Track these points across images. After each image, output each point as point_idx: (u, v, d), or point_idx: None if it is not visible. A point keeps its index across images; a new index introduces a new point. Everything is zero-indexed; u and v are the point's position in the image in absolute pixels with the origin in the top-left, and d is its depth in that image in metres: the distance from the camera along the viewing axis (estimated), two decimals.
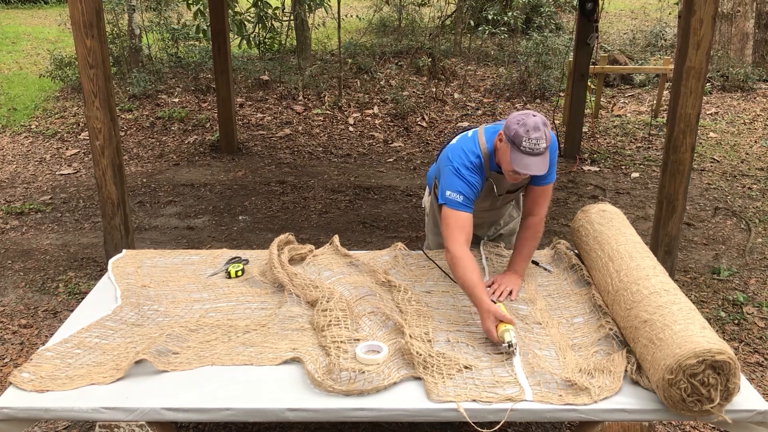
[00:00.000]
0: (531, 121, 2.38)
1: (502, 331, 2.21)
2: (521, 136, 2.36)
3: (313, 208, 5.31)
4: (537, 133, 2.36)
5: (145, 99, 7.98)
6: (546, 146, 2.39)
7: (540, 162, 2.39)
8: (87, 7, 3.05)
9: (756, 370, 3.22)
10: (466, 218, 2.51)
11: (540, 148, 2.37)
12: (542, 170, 2.41)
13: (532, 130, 2.36)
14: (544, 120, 2.40)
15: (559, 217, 5.11)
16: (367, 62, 9.11)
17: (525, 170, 2.40)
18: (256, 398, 2.03)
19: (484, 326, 2.29)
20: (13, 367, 3.25)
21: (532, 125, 2.37)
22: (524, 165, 2.39)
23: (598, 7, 6.05)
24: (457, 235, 2.47)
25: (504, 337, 2.19)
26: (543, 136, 2.37)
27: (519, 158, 2.39)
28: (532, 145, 2.36)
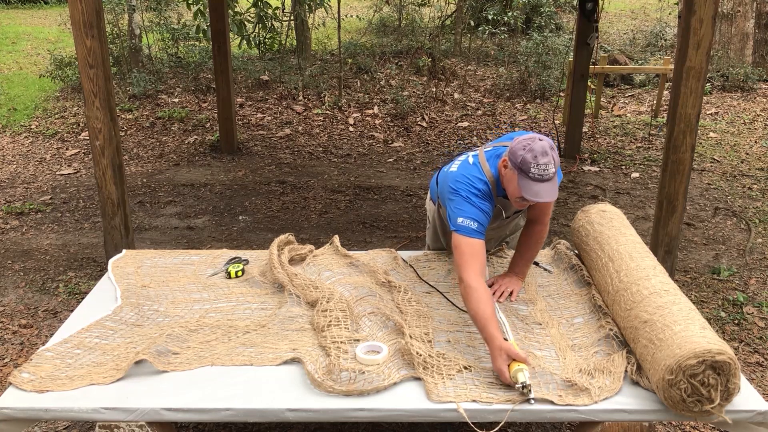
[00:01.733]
0: (538, 146, 2.27)
1: (515, 371, 2.05)
2: (529, 163, 2.26)
3: (313, 208, 5.31)
4: (545, 158, 2.26)
5: (145, 99, 7.98)
6: (554, 171, 2.30)
7: (550, 188, 2.30)
8: (87, 7, 3.05)
9: (756, 370, 3.22)
10: (480, 246, 2.39)
11: (549, 173, 2.27)
12: (552, 197, 2.32)
13: (540, 155, 2.26)
14: (551, 144, 2.31)
15: (559, 217, 5.11)
16: (367, 62, 9.11)
17: (535, 198, 2.30)
18: (256, 398, 2.03)
19: (495, 366, 2.12)
20: (13, 367, 3.25)
21: (539, 150, 2.26)
22: (534, 193, 2.29)
23: (598, 7, 6.05)
24: (472, 264, 2.34)
25: (518, 377, 2.03)
26: (551, 161, 2.27)
27: (528, 185, 2.29)
28: (541, 171, 2.26)
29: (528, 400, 2.02)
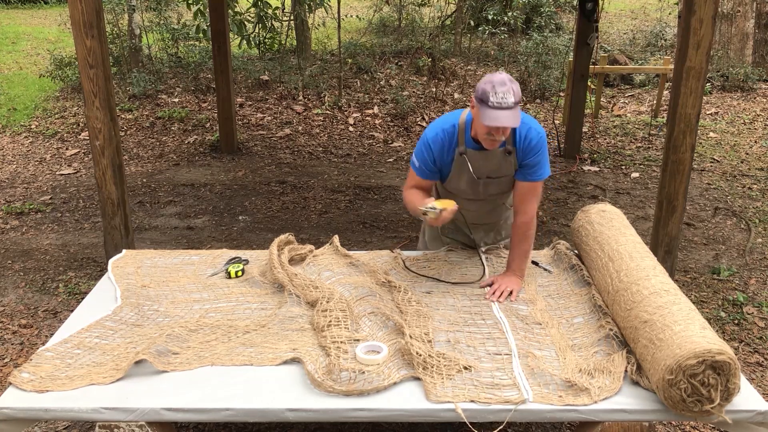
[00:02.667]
0: (497, 77, 2.41)
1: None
2: (488, 92, 2.38)
3: (313, 208, 5.31)
4: (503, 87, 2.38)
5: (145, 99, 7.98)
6: (514, 101, 2.39)
7: (510, 115, 2.38)
8: (87, 7, 3.05)
9: (756, 370, 3.22)
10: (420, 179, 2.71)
11: (508, 101, 2.37)
12: (511, 123, 2.39)
13: (499, 85, 2.38)
14: (510, 77, 2.43)
15: (559, 217, 5.11)
16: (367, 62, 9.11)
17: (494, 123, 2.38)
18: (255, 398, 2.03)
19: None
20: (13, 367, 3.25)
21: (498, 81, 2.39)
22: (493, 118, 2.38)
23: (598, 7, 6.05)
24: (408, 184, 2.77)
25: (425, 204, 2.43)
26: (510, 91, 2.38)
27: (487, 113, 2.39)
28: (499, 99, 2.37)
29: (425, 213, 2.44)
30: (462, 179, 2.71)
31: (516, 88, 2.42)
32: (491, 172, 2.68)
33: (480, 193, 2.77)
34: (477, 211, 2.90)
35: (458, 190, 2.76)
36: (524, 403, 1.99)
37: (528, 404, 1.99)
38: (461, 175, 2.69)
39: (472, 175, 2.67)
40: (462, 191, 2.76)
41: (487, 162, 2.64)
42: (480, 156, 2.62)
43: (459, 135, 2.61)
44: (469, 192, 2.76)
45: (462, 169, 2.67)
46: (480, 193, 2.77)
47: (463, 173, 2.68)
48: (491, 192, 2.78)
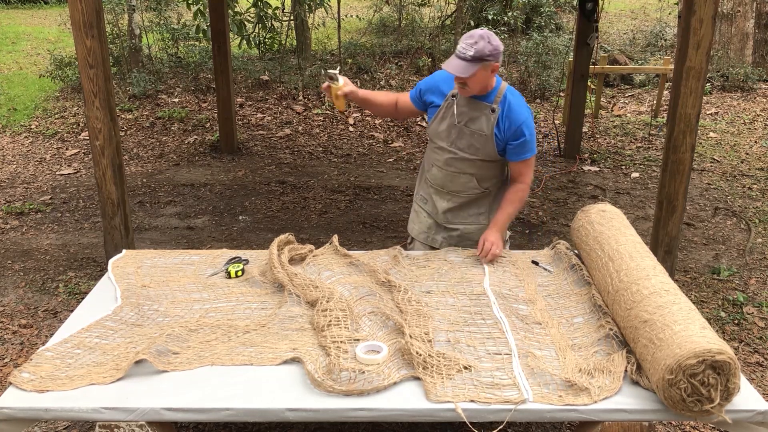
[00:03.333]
0: (474, 31, 2.65)
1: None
2: (459, 41, 2.66)
3: (313, 208, 5.31)
4: (469, 39, 2.61)
5: (145, 99, 7.98)
6: (472, 56, 2.60)
7: (459, 65, 2.63)
8: (87, 7, 3.05)
9: (756, 370, 3.22)
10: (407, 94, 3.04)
11: (465, 54, 2.61)
12: (457, 71, 2.63)
13: (467, 37, 2.63)
14: (486, 35, 2.62)
15: (559, 217, 5.11)
16: (367, 62, 9.11)
17: (446, 67, 2.66)
18: (255, 398, 2.03)
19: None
20: (13, 367, 3.25)
21: (470, 33, 2.64)
22: (446, 63, 2.66)
23: (598, 7, 6.05)
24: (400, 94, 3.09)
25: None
26: (473, 45, 2.59)
27: (450, 59, 2.67)
28: (461, 49, 2.63)
29: (331, 75, 2.84)
30: (444, 121, 2.92)
31: (483, 45, 2.61)
32: (470, 121, 2.86)
33: (452, 141, 2.92)
34: (445, 169, 3.00)
35: (436, 132, 2.97)
36: (524, 403, 1.99)
37: (528, 404, 1.99)
38: (445, 117, 2.91)
39: (454, 117, 2.87)
40: (438, 134, 2.95)
41: (470, 109, 2.85)
42: (467, 103, 2.85)
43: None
44: (445, 137, 2.94)
45: (448, 111, 2.89)
46: (452, 141, 2.92)
47: (448, 116, 2.90)
48: (461, 145, 2.91)
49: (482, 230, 3.02)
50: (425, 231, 3.15)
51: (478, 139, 2.86)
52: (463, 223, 3.08)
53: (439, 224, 3.12)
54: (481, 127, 2.84)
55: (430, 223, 3.14)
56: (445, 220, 3.09)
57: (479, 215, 3.06)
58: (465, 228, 3.08)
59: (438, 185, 3.05)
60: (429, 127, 3.00)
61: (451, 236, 3.10)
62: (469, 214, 3.06)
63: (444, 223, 3.10)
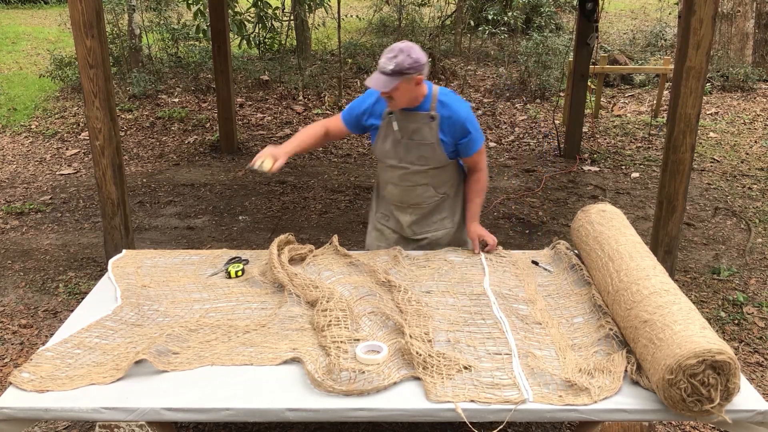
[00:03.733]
0: (395, 45, 2.64)
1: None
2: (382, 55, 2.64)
3: (313, 208, 5.31)
4: (390, 53, 2.60)
5: (145, 99, 7.99)
6: (392, 70, 2.59)
7: (380, 79, 2.63)
8: (87, 7, 3.05)
9: (756, 370, 3.22)
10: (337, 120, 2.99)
11: (386, 68, 2.60)
12: (378, 86, 2.63)
13: (388, 51, 2.62)
14: (406, 48, 2.61)
15: (559, 217, 5.11)
16: (367, 62, 9.11)
17: (368, 83, 2.65)
18: (256, 398, 2.03)
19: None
20: (13, 367, 3.25)
21: (391, 47, 2.63)
22: (369, 78, 2.65)
23: (598, 7, 6.05)
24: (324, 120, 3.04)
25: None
26: (394, 60, 2.59)
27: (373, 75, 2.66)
28: (381, 64, 2.62)
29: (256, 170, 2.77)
30: (388, 140, 2.90)
31: (403, 59, 2.59)
32: (414, 134, 2.85)
33: (401, 157, 2.91)
34: (400, 184, 2.99)
35: (383, 152, 2.95)
36: (524, 403, 1.99)
37: (528, 404, 1.99)
38: (388, 135, 2.89)
39: (397, 134, 2.86)
40: (387, 153, 2.94)
41: (410, 122, 2.84)
42: (405, 116, 2.83)
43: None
44: (392, 154, 2.93)
45: (389, 129, 2.88)
46: (401, 157, 2.91)
47: (390, 134, 2.88)
48: (412, 158, 2.90)
49: (449, 233, 3.07)
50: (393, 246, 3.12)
51: (425, 149, 2.86)
52: (430, 231, 3.10)
53: (407, 238, 3.13)
54: (425, 137, 2.84)
55: (396, 238, 3.14)
56: (412, 233, 3.11)
57: (443, 220, 3.08)
58: (433, 235, 3.10)
59: (397, 201, 3.06)
60: (374, 147, 2.98)
61: (420, 246, 3.11)
62: (434, 221, 3.08)
63: (411, 235, 3.11)
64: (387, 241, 3.15)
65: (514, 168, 6.24)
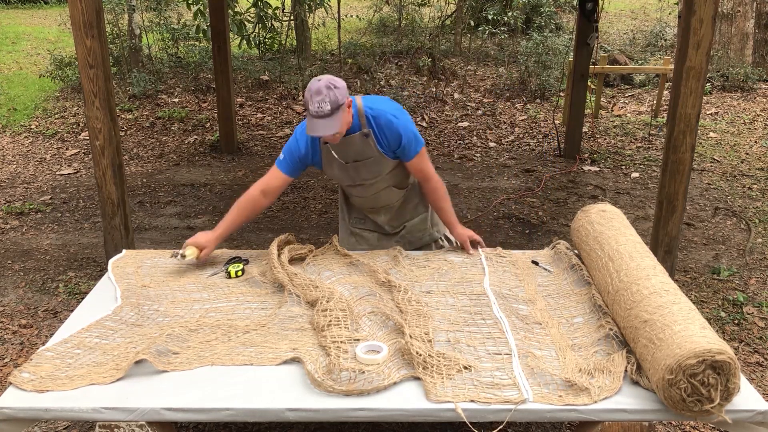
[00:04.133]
0: (314, 86, 2.51)
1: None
2: (307, 101, 2.53)
3: (313, 208, 5.31)
4: (319, 96, 2.49)
5: (145, 99, 7.99)
6: (331, 109, 2.50)
7: (326, 123, 2.51)
8: (87, 7, 3.05)
9: (756, 370, 3.22)
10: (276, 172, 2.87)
11: (324, 110, 2.49)
12: (328, 131, 2.53)
13: (315, 94, 2.49)
14: (329, 83, 2.51)
15: (559, 217, 5.11)
16: (367, 62, 9.11)
17: (313, 133, 2.54)
18: (256, 398, 2.03)
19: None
20: (13, 367, 3.25)
21: (314, 90, 2.50)
22: (312, 128, 2.54)
23: (598, 7, 6.05)
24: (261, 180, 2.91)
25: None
26: (326, 99, 2.48)
27: (309, 123, 2.55)
28: (316, 108, 2.49)
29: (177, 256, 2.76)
30: (333, 166, 2.87)
31: (334, 94, 2.50)
32: (356, 155, 2.82)
33: (354, 178, 2.89)
34: (363, 195, 3.00)
35: (335, 176, 2.93)
36: (524, 403, 1.99)
37: (528, 404, 1.99)
38: (331, 162, 2.86)
39: (339, 161, 2.83)
40: (339, 177, 2.92)
41: (348, 147, 2.79)
42: (341, 143, 2.75)
43: None
44: (345, 177, 2.91)
45: (330, 158, 2.84)
46: (354, 178, 2.89)
47: (332, 160, 2.85)
48: (364, 176, 2.89)
49: (425, 219, 3.11)
50: (375, 245, 3.14)
51: (372, 164, 2.85)
52: (406, 221, 3.14)
53: (387, 234, 3.16)
54: (368, 154, 2.81)
55: (376, 236, 3.16)
56: (392, 228, 3.15)
57: (416, 206, 3.12)
58: (410, 223, 3.14)
59: (368, 208, 3.09)
60: (326, 173, 2.96)
61: (401, 236, 3.16)
62: (408, 211, 3.12)
63: (391, 230, 3.15)
64: (368, 242, 3.16)
65: (514, 168, 6.24)
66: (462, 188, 5.71)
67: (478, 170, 6.20)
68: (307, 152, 2.82)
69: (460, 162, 6.43)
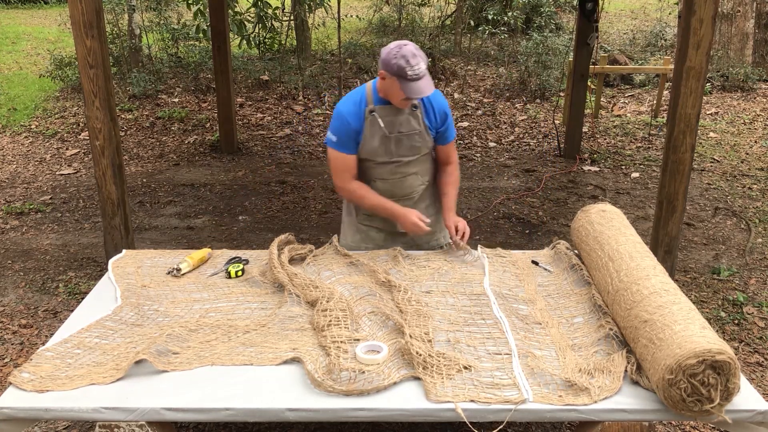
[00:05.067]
0: (407, 50, 2.60)
1: None
2: (404, 67, 2.58)
3: (313, 208, 5.31)
4: (415, 59, 2.59)
5: (145, 99, 7.99)
6: (425, 68, 2.63)
7: (426, 83, 2.64)
8: (87, 7, 3.05)
9: (756, 370, 3.22)
10: (346, 158, 2.85)
11: (422, 71, 2.61)
12: (430, 90, 2.65)
13: (411, 58, 2.59)
14: (414, 46, 2.64)
15: (559, 217, 5.11)
16: (367, 62, 9.11)
17: (419, 94, 2.63)
18: (256, 398, 2.03)
19: (408, 223, 2.85)
20: (13, 367, 3.25)
21: (409, 53, 2.59)
22: (417, 91, 2.62)
23: (598, 7, 6.05)
24: (343, 176, 2.89)
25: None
26: (421, 59, 2.62)
27: (409, 87, 2.61)
28: (416, 72, 2.59)
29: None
30: (375, 138, 2.84)
31: (422, 54, 2.65)
32: (401, 126, 2.84)
33: (392, 152, 2.89)
34: (390, 178, 2.96)
35: (372, 151, 2.88)
36: (524, 403, 1.99)
37: (528, 404, 1.99)
38: (374, 134, 2.84)
39: (383, 130, 2.82)
40: (375, 151, 2.88)
41: (396, 116, 2.82)
42: (389, 111, 2.81)
43: (367, 96, 2.83)
44: (382, 151, 2.88)
45: (374, 128, 2.82)
46: (392, 152, 2.89)
47: (376, 132, 2.83)
48: (403, 152, 2.89)
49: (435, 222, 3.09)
50: (381, 245, 3.10)
51: (415, 139, 2.88)
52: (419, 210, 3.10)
53: (394, 233, 3.09)
54: (413, 127, 2.85)
55: (383, 236, 3.11)
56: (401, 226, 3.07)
57: (427, 208, 3.09)
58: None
59: (386, 196, 3.01)
60: (361, 149, 2.88)
61: (409, 238, 3.10)
62: (419, 209, 3.06)
63: (400, 229, 3.07)
64: (373, 242, 3.11)
65: (514, 168, 6.24)
66: (462, 188, 5.71)
67: (478, 170, 6.20)
68: (357, 125, 2.83)
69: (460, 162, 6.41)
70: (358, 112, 2.81)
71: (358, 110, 2.81)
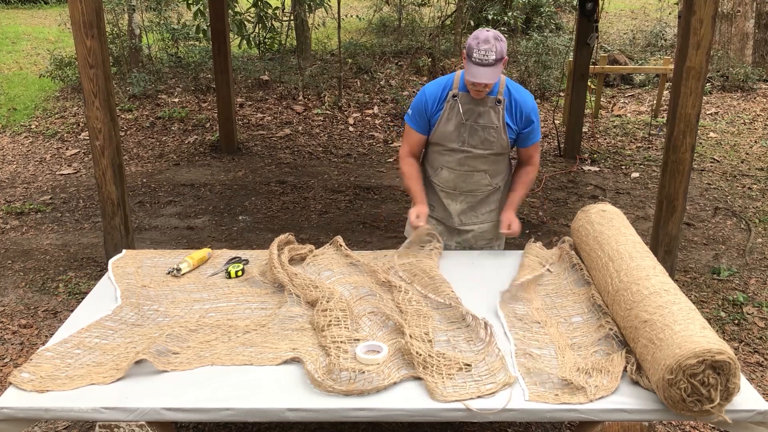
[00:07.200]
0: (483, 35, 2.60)
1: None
2: (473, 48, 2.60)
3: (313, 208, 5.31)
4: (486, 45, 2.58)
5: (145, 99, 7.98)
6: (495, 59, 2.59)
7: (488, 72, 2.61)
8: (87, 7, 3.05)
9: (756, 370, 3.22)
10: (412, 132, 2.95)
11: (489, 59, 2.58)
12: (490, 79, 2.62)
13: (483, 42, 2.58)
14: (496, 35, 2.61)
15: (559, 217, 5.11)
16: (367, 62, 9.11)
17: (473, 78, 2.62)
18: (256, 398, 2.03)
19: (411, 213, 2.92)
20: (13, 367, 3.25)
21: (482, 38, 2.59)
22: (472, 74, 2.62)
23: (598, 7, 6.05)
24: (404, 146, 3.01)
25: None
26: (493, 49, 2.58)
27: (470, 68, 2.63)
28: (481, 56, 2.58)
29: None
30: (451, 122, 2.86)
31: (500, 46, 2.61)
32: (479, 117, 2.84)
33: (464, 140, 2.88)
34: (458, 169, 2.96)
35: (445, 135, 2.90)
36: (516, 381, 2.00)
37: (528, 404, 1.99)
38: (451, 118, 2.86)
39: (461, 116, 2.83)
40: (448, 136, 2.89)
41: (476, 106, 2.82)
42: (471, 99, 2.81)
43: (454, 81, 2.84)
44: (455, 137, 2.89)
45: (452, 111, 2.84)
46: (464, 140, 2.88)
47: (453, 116, 2.85)
48: (475, 142, 2.88)
49: (495, 227, 3.05)
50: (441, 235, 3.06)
51: (490, 132, 2.85)
52: (476, 223, 3.08)
53: (451, 228, 3.09)
54: (491, 121, 2.83)
55: (440, 230, 3.08)
56: (459, 223, 3.07)
57: (491, 212, 3.07)
58: (479, 228, 3.08)
59: (450, 188, 3.01)
60: (434, 132, 2.92)
61: (465, 239, 3.09)
62: (482, 213, 3.07)
63: (458, 226, 3.07)
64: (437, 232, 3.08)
65: None
66: None
67: None
68: (432, 107, 2.86)
69: None
70: (440, 94, 2.85)
71: (441, 93, 2.85)
